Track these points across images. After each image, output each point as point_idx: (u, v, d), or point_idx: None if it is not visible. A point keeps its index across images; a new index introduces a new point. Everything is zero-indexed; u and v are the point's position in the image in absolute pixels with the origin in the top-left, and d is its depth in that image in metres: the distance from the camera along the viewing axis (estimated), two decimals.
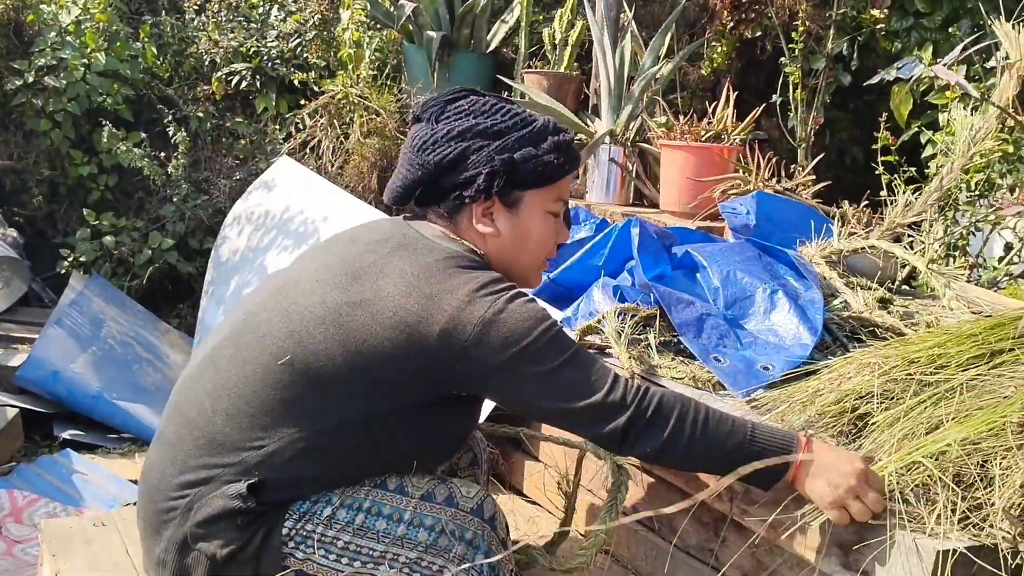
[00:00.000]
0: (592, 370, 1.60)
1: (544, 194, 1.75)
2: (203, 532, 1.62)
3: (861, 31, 3.71)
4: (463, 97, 1.74)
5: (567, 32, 4.40)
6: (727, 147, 3.38)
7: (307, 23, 4.70)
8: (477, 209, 1.71)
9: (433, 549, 1.62)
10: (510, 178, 1.69)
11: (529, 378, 1.58)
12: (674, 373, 2.21)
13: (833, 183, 3.27)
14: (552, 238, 1.80)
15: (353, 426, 1.62)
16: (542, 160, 1.70)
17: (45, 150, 4.26)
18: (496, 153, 1.68)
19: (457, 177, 1.69)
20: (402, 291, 1.59)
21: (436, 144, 1.69)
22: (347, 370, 1.59)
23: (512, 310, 1.59)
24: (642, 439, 1.58)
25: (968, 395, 1.69)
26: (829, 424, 1.82)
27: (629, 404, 1.57)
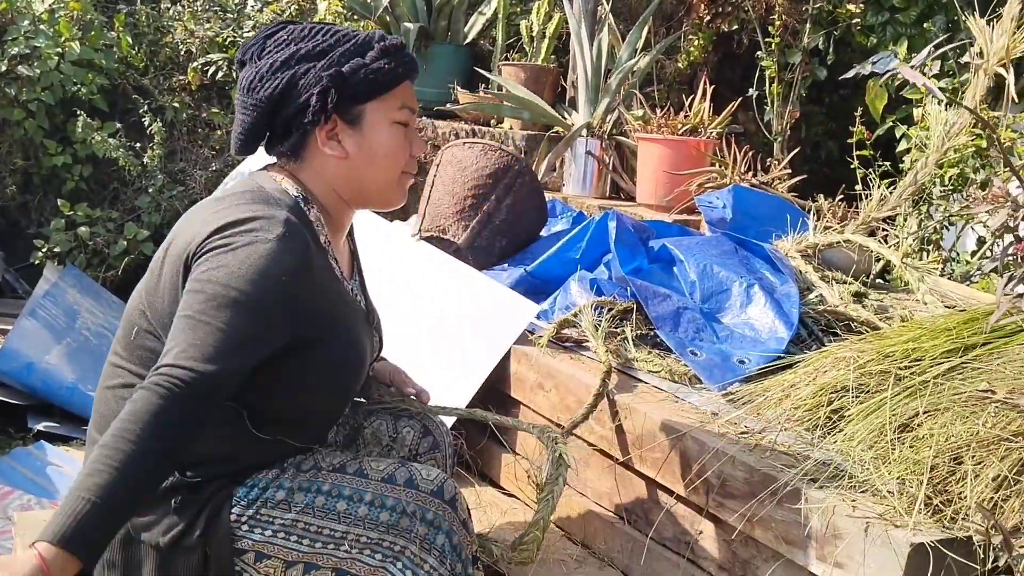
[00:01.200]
0: (217, 345, 1.46)
1: (385, 104, 1.68)
2: (143, 521, 1.61)
3: (837, 26, 3.74)
4: (281, 29, 1.69)
5: (544, 24, 4.40)
6: (703, 140, 3.40)
7: (284, 13, 4.67)
8: (321, 134, 1.66)
9: (395, 530, 1.62)
10: (343, 93, 1.63)
11: (188, 303, 1.48)
12: (651, 367, 2.23)
13: (808, 177, 3.29)
14: (403, 149, 1.71)
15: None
16: (371, 68, 1.65)
17: (19, 140, 4.22)
18: (323, 71, 1.62)
19: (291, 107, 1.64)
20: (188, 225, 1.60)
21: (262, 80, 1.64)
22: (161, 330, 1.58)
23: (245, 252, 1.51)
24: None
25: (942, 389, 1.71)
26: (804, 418, 1.84)
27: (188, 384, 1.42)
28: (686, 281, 2.43)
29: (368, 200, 1.73)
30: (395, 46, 1.68)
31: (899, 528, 1.53)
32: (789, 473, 1.72)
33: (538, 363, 2.39)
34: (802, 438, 1.82)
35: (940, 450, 1.60)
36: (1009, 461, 1.57)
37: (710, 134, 3.44)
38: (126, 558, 1.64)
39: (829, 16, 3.74)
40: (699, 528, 1.93)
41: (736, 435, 1.88)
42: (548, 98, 4.21)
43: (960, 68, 3.22)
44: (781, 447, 1.82)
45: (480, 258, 2.88)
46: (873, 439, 1.68)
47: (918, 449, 1.62)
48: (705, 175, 3.26)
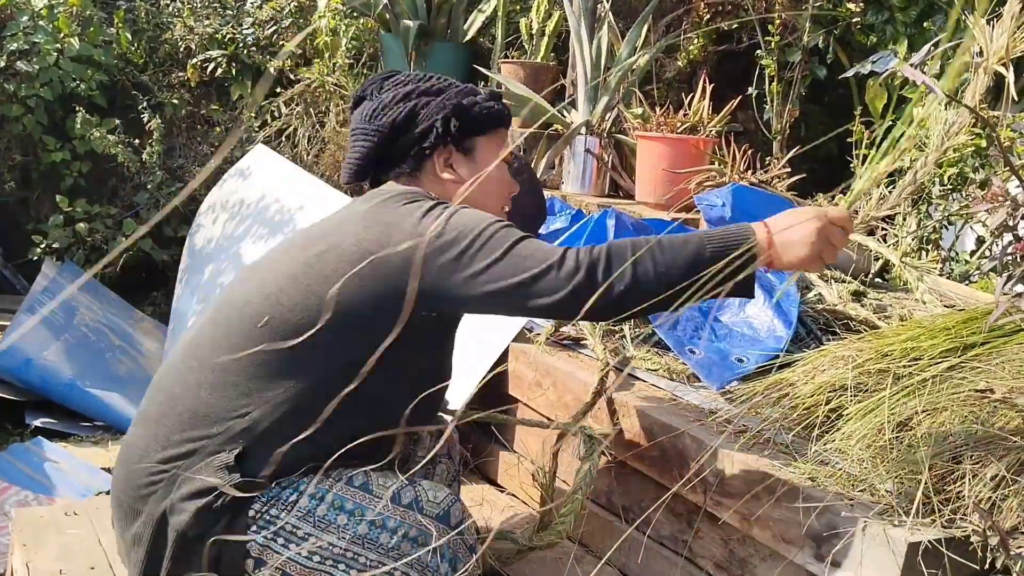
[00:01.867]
0: (541, 246, 1.62)
1: (493, 140, 1.88)
2: (182, 507, 1.61)
3: (837, 24, 3.73)
4: (397, 73, 1.89)
5: (544, 22, 4.40)
6: (703, 139, 3.39)
7: (283, 10, 4.67)
8: (439, 159, 1.82)
9: (395, 553, 1.60)
10: (462, 123, 1.81)
11: (487, 264, 1.59)
12: (649, 365, 2.23)
13: (808, 176, 3.28)
14: (508, 183, 1.92)
15: (333, 378, 1.61)
16: (484, 105, 1.85)
17: (17, 136, 4.21)
18: (445, 101, 1.81)
19: (412, 132, 1.80)
20: (362, 227, 1.68)
21: (385, 108, 1.81)
22: (319, 318, 1.62)
23: (461, 214, 1.66)
24: (609, 280, 1.55)
25: (940, 388, 1.71)
26: (802, 417, 1.83)
27: (582, 259, 1.57)
28: None
29: None
30: (498, 93, 1.90)
31: (897, 527, 1.53)
32: (787, 472, 1.71)
33: (536, 361, 2.38)
34: (800, 437, 1.81)
35: (938, 449, 1.60)
36: (1007, 461, 1.57)
37: (709, 132, 3.43)
38: (153, 537, 1.64)
39: (829, 15, 3.73)
40: (697, 526, 1.93)
41: (734, 434, 1.87)
42: (547, 96, 4.21)
43: None
44: (779, 446, 1.82)
45: None
46: (871, 438, 1.67)
47: (916, 448, 1.62)
48: (704, 174, 3.25)
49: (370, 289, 1.63)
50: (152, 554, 1.65)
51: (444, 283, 1.61)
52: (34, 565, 1.88)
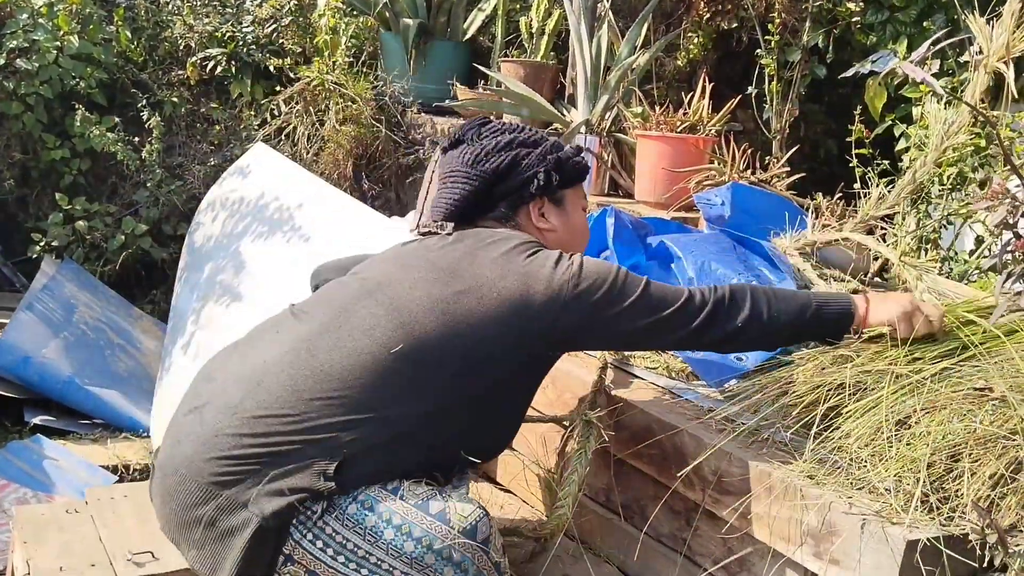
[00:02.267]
0: (666, 287, 1.83)
1: (577, 192, 2.07)
2: (270, 500, 1.62)
3: (837, 24, 3.73)
4: (491, 121, 2.05)
5: (544, 21, 4.40)
6: (702, 138, 3.39)
7: (283, 8, 4.66)
8: (534, 209, 1.98)
9: (419, 565, 1.60)
10: (561, 175, 1.98)
11: (625, 307, 1.78)
12: (648, 363, 2.23)
13: (807, 175, 3.29)
14: (587, 232, 2.11)
15: (451, 408, 1.74)
16: (574, 160, 2.03)
17: (17, 133, 4.21)
18: (545, 154, 1.98)
19: (513, 181, 1.96)
20: (498, 274, 1.79)
21: (488, 155, 1.95)
22: (451, 353, 1.72)
23: (590, 264, 1.83)
24: (730, 317, 1.80)
25: (939, 387, 1.71)
26: (801, 415, 1.84)
27: (708, 296, 1.81)
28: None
29: None
30: (583, 148, 2.08)
31: (895, 525, 1.54)
32: (786, 470, 1.72)
33: None
34: (799, 435, 1.82)
35: (937, 448, 1.60)
36: (1006, 459, 1.58)
37: (709, 132, 3.43)
38: (227, 520, 1.65)
39: (829, 14, 3.74)
40: (696, 524, 1.93)
41: (733, 432, 1.88)
42: (547, 95, 4.21)
43: (960, 67, 3.21)
44: (778, 444, 1.82)
45: None
46: (870, 436, 1.68)
47: (915, 447, 1.62)
48: (704, 173, 3.26)
49: (504, 331, 1.75)
50: (223, 536, 1.65)
51: (589, 323, 1.78)
52: (35, 562, 1.88)
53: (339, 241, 3.08)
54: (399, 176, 4.35)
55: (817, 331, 1.89)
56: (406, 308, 1.76)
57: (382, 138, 4.30)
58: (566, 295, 1.76)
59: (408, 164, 4.34)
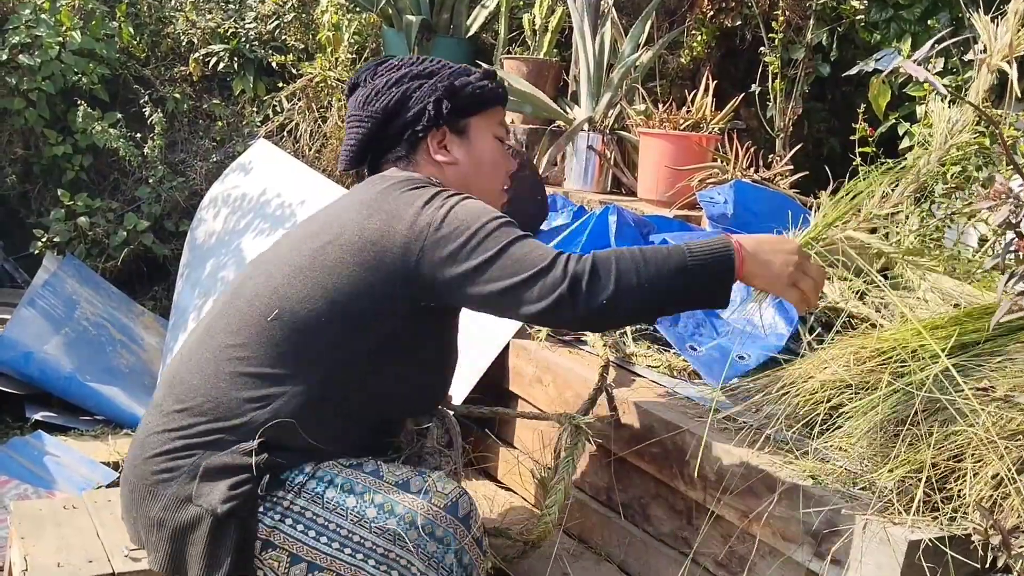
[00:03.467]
0: (534, 248, 1.64)
1: (487, 119, 1.90)
2: (208, 489, 1.63)
3: (840, 22, 3.72)
4: (392, 57, 1.92)
5: (547, 18, 4.39)
6: (705, 136, 3.39)
7: (286, 5, 4.66)
8: (432, 142, 1.85)
9: (401, 541, 1.60)
10: (454, 104, 1.83)
11: (479, 264, 1.62)
12: (650, 362, 2.22)
13: (810, 174, 3.28)
14: (504, 160, 1.94)
15: (343, 371, 1.68)
16: (478, 85, 1.86)
17: (19, 129, 4.21)
18: (436, 84, 1.83)
19: (405, 116, 1.83)
20: (363, 215, 1.70)
21: (378, 94, 1.83)
22: (328, 313, 1.66)
23: (460, 207, 1.68)
24: (593, 293, 1.58)
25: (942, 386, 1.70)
26: (803, 415, 1.83)
27: (568, 269, 1.59)
28: None
29: None
30: (492, 72, 1.92)
31: (897, 525, 1.53)
32: (788, 469, 1.71)
33: (537, 357, 2.38)
34: (801, 435, 1.81)
35: (939, 448, 1.59)
36: (1009, 460, 1.57)
37: (712, 130, 3.42)
38: (177, 519, 1.65)
39: (833, 12, 3.72)
40: (697, 524, 1.93)
41: (735, 431, 1.87)
42: (550, 92, 4.20)
43: (964, 65, 3.20)
44: (780, 443, 1.81)
45: None
46: (872, 436, 1.67)
47: (917, 447, 1.61)
48: (707, 171, 3.25)
49: (371, 279, 1.65)
50: (176, 535, 1.66)
51: (438, 277, 1.64)
52: (32, 558, 1.87)
53: None
54: None
55: (699, 290, 1.65)
56: (277, 272, 1.73)
57: None
58: (425, 240, 1.65)
59: None
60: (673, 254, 1.62)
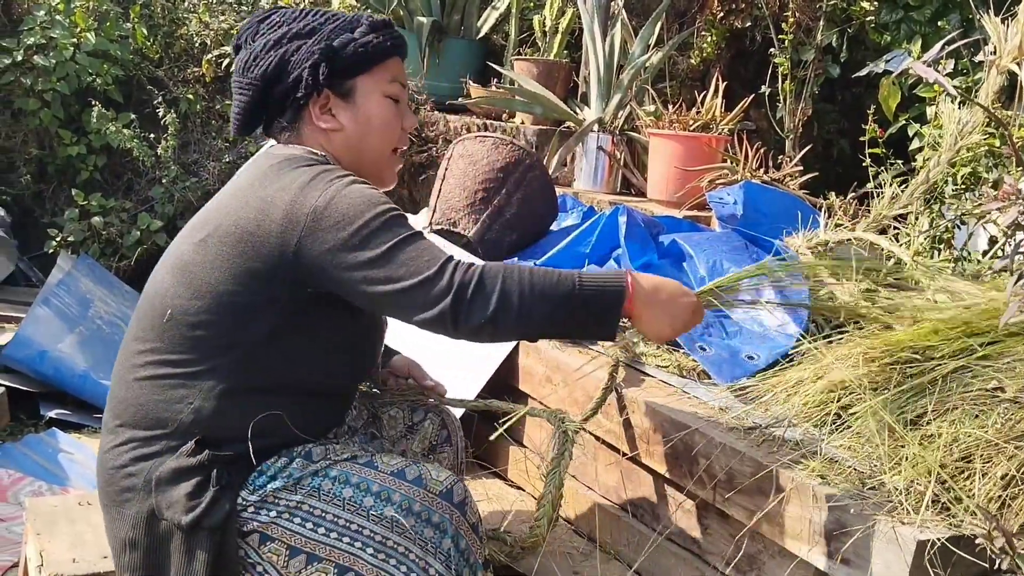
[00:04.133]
0: (423, 252, 1.57)
1: (375, 77, 1.76)
2: (167, 501, 1.62)
3: (851, 23, 3.72)
4: (274, 12, 1.79)
5: (557, 19, 4.40)
6: (715, 137, 3.39)
7: (299, 5, 4.68)
8: (314, 108, 1.73)
9: (399, 528, 1.61)
10: (334, 67, 1.70)
11: (362, 262, 1.55)
12: (659, 361, 2.23)
13: (820, 175, 3.28)
14: (395, 120, 1.79)
15: (247, 360, 1.65)
16: (361, 42, 1.72)
17: (34, 129, 4.24)
18: (313, 46, 1.70)
19: (286, 82, 1.71)
20: (239, 204, 1.64)
21: (256, 59, 1.72)
22: (216, 308, 1.63)
23: (343, 195, 1.58)
24: (473, 312, 1.54)
25: (951, 387, 1.71)
26: (813, 414, 1.84)
27: (454, 281, 1.54)
28: (696, 276, 2.43)
29: (363, 174, 1.74)
30: (383, 23, 1.75)
31: (906, 525, 1.54)
32: (797, 469, 1.72)
33: (546, 357, 2.39)
34: (810, 434, 1.82)
35: (949, 448, 1.60)
36: (1018, 460, 1.58)
37: (722, 130, 3.43)
38: (148, 537, 1.65)
39: (843, 13, 3.72)
40: (706, 523, 1.94)
41: (744, 430, 1.88)
42: (560, 93, 4.21)
43: (974, 67, 3.20)
44: (789, 443, 1.82)
45: (490, 251, 2.89)
46: (881, 436, 1.68)
47: (927, 447, 1.62)
48: (716, 171, 3.25)
49: (252, 270, 1.61)
50: (149, 554, 1.65)
51: (320, 269, 1.59)
52: (48, 554, 1.90)
53: None
54: (412, 174, 4.36)
55: (582, 320, 1.61)
56: (169, 271, 1.70)
57: None
58: (302, 231, 1.57)
59: (421, 162, 4.35)
60: (563, 280, 1.58)
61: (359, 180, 1.64)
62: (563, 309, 1.58)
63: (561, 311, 1.58)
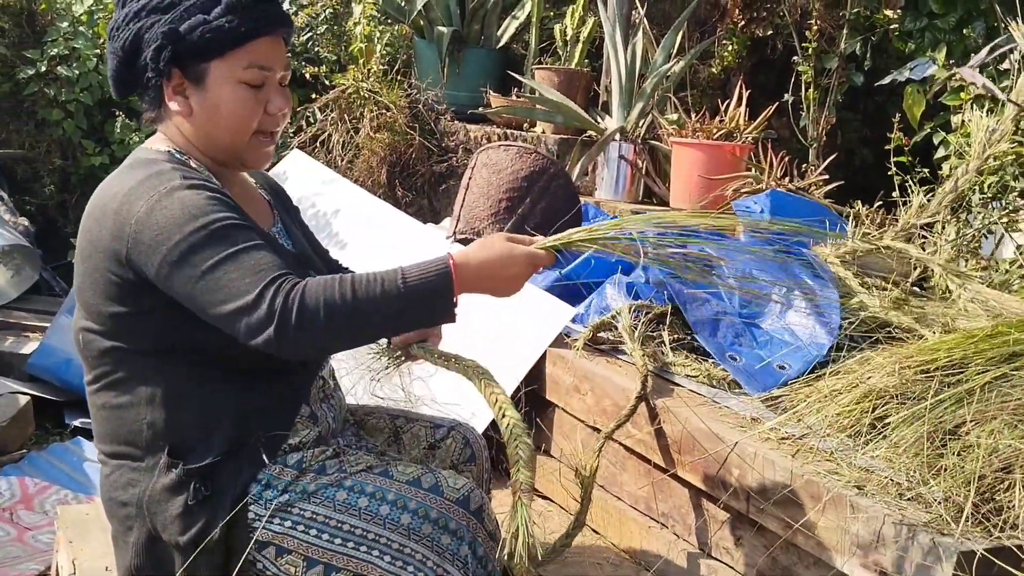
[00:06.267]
0: (244, 272, 1.47)
1: (229, 62, 1.61)
2: (162, 523, 1.60)
3: (874, 31, 3.71)
4: None
5: (578, 29, 4.40)
6: (739, 145, 3.38)
7: (319, 17, 4.70)
8: (168, 89, 1.63)
9: (416, 535, 1.59)
10: (181, 51, 1.59)
11: (183, 282, 1.49)
12: (688, 371, 2.22)
13: (844, 184, 3.27)
14: (250, 109, 1.64)
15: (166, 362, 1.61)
16: (211, 26, 1.58)
17: (57, 140, 4.27)
18: (163, 26, 1.59)
19: (141, 59, 1.61)
20: (87, 217, 1.60)
21: (119, 29, 1.64)
22: (109, 324, 1.59)
23: (163, 206, 1.50)
24: (300, 338, 1.46)
25: (989, 396, 1.69)
26: (847, 424, 1.82)
27: (275, 308, 1.44)
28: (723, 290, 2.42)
29: (222, 159, 1.68)
30: (244, 3, 1.60)
31: (946, 536, 1.52)
32: (832, 479, 1.71)
33: (574, 366, 2.38)
34: (845, 445, 1.80)
35: (988, 459, 1.59)
36: None
37: (745, 139, 3.42)
38: (151, 558, 1.63)
39: (866, 21, 3.71)
40: (739, 534, 1.92)
41: (777, 441, 1.87)
42: (581, 102, 4.21)
43: (999, 75, 3.18)
44: (824, 453, 1.81)
45: None
46: (919, 447, 1.66)
47: (965, 457, 1.60)
48: (741, 180, 3.24)
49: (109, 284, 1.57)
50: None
51: (155, 284, 1.53)
52: (80, 562, 1.90)
53: (375, 247, 3.09)
54: (432, 183, 4.37)
55: (415, 312, 1.55)
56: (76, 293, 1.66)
57: (416, 145, 4.31)
58: (128, 241, 1.51)
59: (441, 171, 4.35)
60: (388, 283, 1.51)
61: (189, 184, 1.54)
62: (393, 311, 1.52)
63: (392, 314, 1.52)
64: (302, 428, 1.70)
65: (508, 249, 1.62)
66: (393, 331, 1.73)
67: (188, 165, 1.64)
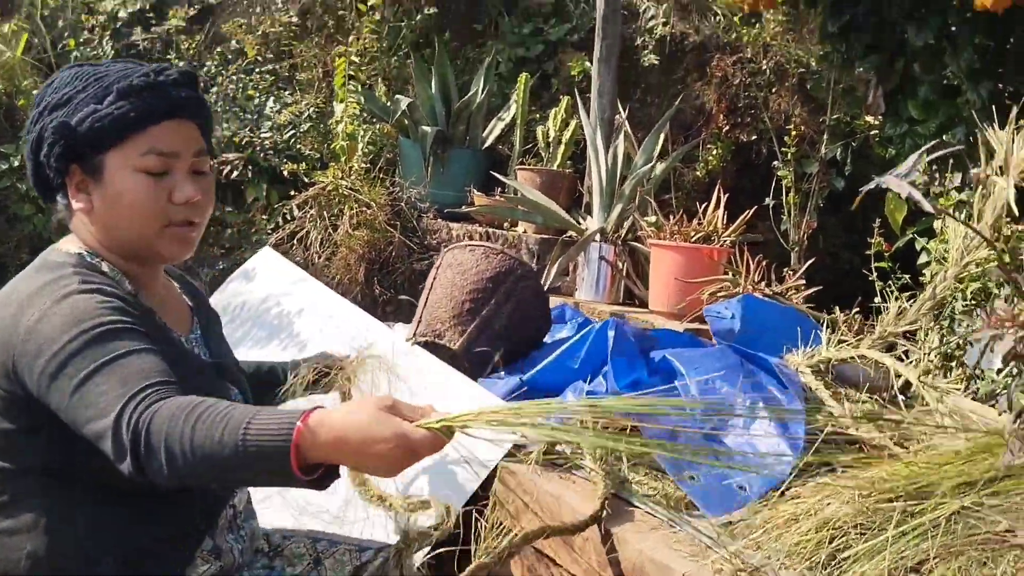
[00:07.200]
0: (113, 385, 1.34)
1: (126, 151, 1.52)
2: None
3: (855, 136, 3.66)
4: (63, 72, 1.60)
5: (561, 131, 4.38)
6: (716, 248, 3.30)
7: (302, 115, 4.69)
8: (71, 187, 1.55)
9: None
10: (73, 145, 1.51)
11: (62, 392, 1.36)
12: (646, 490, 2.08)
13: (825, 288, 3.18)
14: (151, 198, 1.53)
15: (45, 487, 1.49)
16: (100, 115, 1.50)
17: (27, 235, 4.22)
18: (55, 122, 1.51)
19: (41, 158, 1.54)
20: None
21: (28, 131, 1.57)
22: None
23: (52, 312, 1.41)
24: (150, 465, 1.30)
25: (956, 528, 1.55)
26: (806, 554, 1.68)
27: (128, 433, 1.30)
28: (687, 395, 2.30)
29: (133, 253, 1.58)
30: (137, 87, 1.52)
31: None
32: None
33: (522, 483, 2.24)
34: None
35: None
36: None
37: (724, 242, 3.34)
38: None
39: (847, 127, 3.67)
40: None
41: (732, 571, 1.72)
42: (564, 202, 4.16)
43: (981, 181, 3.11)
44: None
45: (478, 364, 2.77)
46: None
47: None
48: (717, 283, 3.15)
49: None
50: None
51: (40, 398, 1.41)
52: None
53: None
54: (412, 281, 4.29)
55: (257, 477, 1.35)
56: None
57: (396, 243, 4.25)
58: (16, 350, 1.41)
59: (422, 269, 4.28)
60: (227, 437, 1.27)
61: (85, 288, 1.45)
62: (229, 467, 1.29)
63: (228, 469, 1.30)
64: (201, 563, 1.55)
65: (375, 420, 1.27)
66: (236, 482, 1.54)
67: (98, 269, 1.54)
